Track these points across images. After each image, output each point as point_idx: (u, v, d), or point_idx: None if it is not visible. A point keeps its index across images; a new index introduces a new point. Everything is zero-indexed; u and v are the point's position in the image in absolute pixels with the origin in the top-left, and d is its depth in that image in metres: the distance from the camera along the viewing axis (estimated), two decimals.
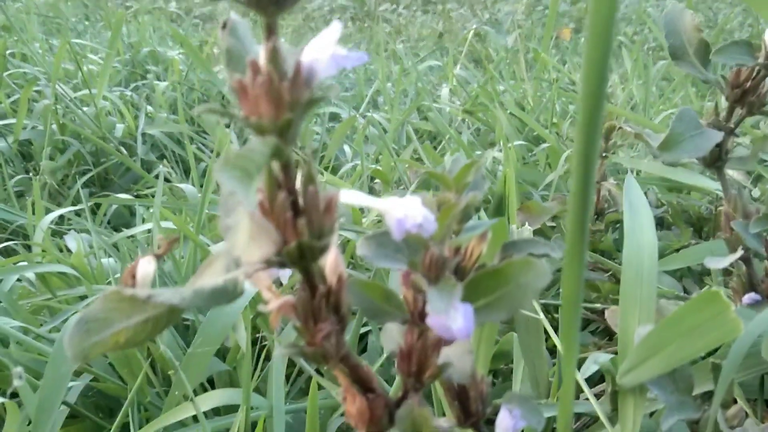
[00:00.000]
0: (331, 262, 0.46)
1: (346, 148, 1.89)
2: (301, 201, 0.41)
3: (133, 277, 0.43)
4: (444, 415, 0.65)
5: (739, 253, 0.65)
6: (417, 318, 0.43)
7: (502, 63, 2.73)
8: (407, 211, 0.41)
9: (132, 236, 1.26)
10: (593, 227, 1.19)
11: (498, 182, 1.41)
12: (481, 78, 2.52)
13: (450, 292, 0.39)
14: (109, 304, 0.38)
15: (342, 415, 0.92)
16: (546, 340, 0.93)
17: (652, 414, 0.75)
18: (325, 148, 1.84)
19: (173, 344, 0.98)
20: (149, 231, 1.23)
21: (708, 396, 0.64)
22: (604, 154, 1.16)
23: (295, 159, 0.39)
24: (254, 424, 0.91)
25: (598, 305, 1.01)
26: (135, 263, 0.44)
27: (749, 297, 0.69)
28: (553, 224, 1.29)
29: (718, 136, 0.65)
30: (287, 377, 0.97)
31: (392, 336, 0.48)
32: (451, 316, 0.39)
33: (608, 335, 1.16)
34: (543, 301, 0.98)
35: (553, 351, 1.01)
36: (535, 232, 1.20)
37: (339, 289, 0.44)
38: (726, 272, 0.98)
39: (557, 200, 1.15)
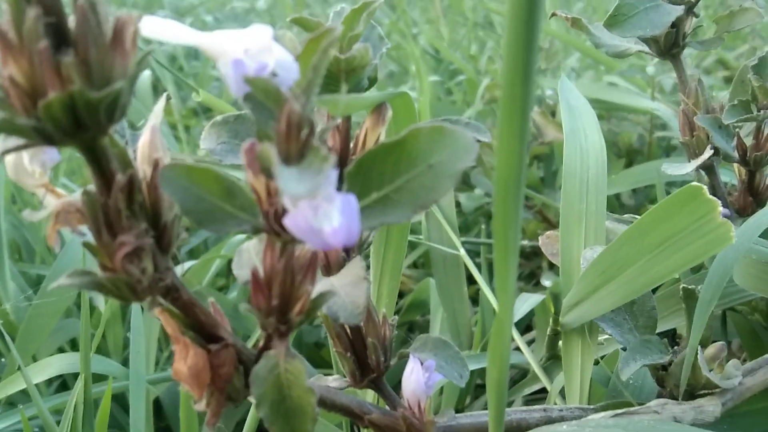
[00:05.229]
0: (145, 143, 0.30)
1: None
2: (72, 26, 0.25)
3: None
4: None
5: (708, 152, 0.53)
6: (275, 222, 0.28)
7: (417, 7, 2.61)
8: (250, 48, 0.26)
9: None
10: None
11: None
12: (395, 18, 2.40)
13: (318, 170, 0.24)
14: None
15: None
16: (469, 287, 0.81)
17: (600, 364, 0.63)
18: (222, 95, 1.67)
19: (25, 305, 0.81)
20: None
21: (664, 335, 0.52)
22: None
23: None
24: (121, 397, 0.75)
25: (524, 243, 0.89)
26: None
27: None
28: (473, 164, 1.18)
29: (676, 11, 0.53)
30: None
31: (248, 259, 0.33)
32: (323, 210, 0.24)
33: (535, 280, 1.05)
34: (465, 239, 0.85)
35: (475, 299, 0.89)
36: None
37: (153, 181, 0.28)
38: None
39: None
